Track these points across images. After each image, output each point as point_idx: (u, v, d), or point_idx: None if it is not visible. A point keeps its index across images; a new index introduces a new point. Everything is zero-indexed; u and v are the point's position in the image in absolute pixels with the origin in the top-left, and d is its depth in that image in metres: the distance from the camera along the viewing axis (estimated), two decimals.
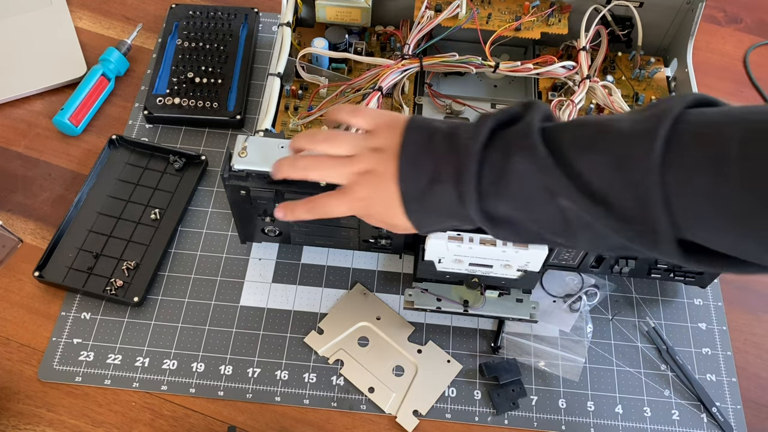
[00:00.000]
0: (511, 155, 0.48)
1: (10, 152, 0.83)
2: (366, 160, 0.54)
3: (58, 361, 0.70)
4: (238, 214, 0.71)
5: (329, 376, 0.70)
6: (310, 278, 0.76)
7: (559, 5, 0.80)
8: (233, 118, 0.84)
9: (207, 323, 0.73)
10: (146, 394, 0.69)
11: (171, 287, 0.75)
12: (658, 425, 0.69)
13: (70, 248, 0.75)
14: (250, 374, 0.70)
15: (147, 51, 0.92)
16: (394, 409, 0.69)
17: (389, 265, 0.77)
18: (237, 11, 0.93)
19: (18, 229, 0.78)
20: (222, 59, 0.89)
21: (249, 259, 0.77)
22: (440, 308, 0.70)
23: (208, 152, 0.84)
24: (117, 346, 0.71)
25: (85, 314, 0.72)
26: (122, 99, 0.88)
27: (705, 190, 0.41)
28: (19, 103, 0.87)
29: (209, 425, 0.68)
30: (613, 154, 0.45)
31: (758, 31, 1.03)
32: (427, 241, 0.63)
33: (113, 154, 0.82)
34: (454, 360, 0.72)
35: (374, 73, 0.74)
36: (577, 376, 0.71)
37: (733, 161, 0.40)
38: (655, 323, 0.75)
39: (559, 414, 0.70)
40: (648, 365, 0.73)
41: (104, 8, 0.97)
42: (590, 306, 0.75)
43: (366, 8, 0.79)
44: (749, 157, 0.40)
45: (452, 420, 0.69)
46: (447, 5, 0.78)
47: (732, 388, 0.72)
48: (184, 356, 0.71)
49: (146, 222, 0.77)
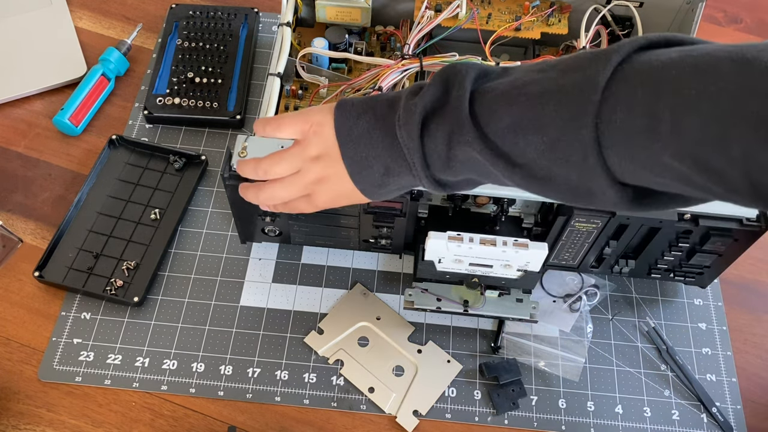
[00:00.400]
0: (451, 146, 0.48)
1: (10, 152, 0.83)
2: (312, 171, 0.56)
3: (58, 361, 0.70)
4: (238, 214, 0.71)
5: (329, 376, 0.70)
6: (310, 278, 0.76)
7: (559, 5, 0.80)
8: (233, 118, 0.84)
9: (207, 323, 0.73)
10: (146, 394, 0.69)
11: (171, 287, 0.75)
12: (658, 425, 0.69)
13: (70, 248, 0.75)
14: (250, 374, 0.70)
15: (147, 51, 0.92)
16: (394, 409, 0.69)
17: (389, 265, 0.77)
18: (237, 11, 0.93)
19: (18, 229, 0.78)
20: (222, 59, 0.89)
21: (249, 259, 0.77)
22: (440, 308, 0.70)
23: (208, 152, 0.84)
24: (117, 346, 0.71)
25: (85, 314, 0.72)
26: (122, 99, 0.88)
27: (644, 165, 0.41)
28: (19, 103, 0.87)
29: (209, 425, 0.68)
30: (549, 140, 0.44)
31: (758, 31, 1.03)
32: (427, 241, 0.63)
33: (113, 154, 0.82)
34: (454, 360, 0.72)
35: (374, 73, 0.74)
36: (577, 376, 0.71)
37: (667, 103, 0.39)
38: (655, 323, 0.75)
39: (559, 414, 0.70)
40: (648, 365, 0.73)
41: (104, 8, 0.97)
42: (590, 306, 0.75)
43: (366, 8, 0.79)
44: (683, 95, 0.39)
45: (452, 420, 0.69)
46: (447, 5, 0.78)
47: (732, 388, 0.72)
48: (184, 356, 0.71)
49: (146, 222, 0.77)
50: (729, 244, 0.66)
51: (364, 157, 0.53)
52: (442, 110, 0.49)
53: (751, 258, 0.78)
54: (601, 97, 0.41)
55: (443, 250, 0.64)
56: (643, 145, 0.40)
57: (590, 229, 0.66)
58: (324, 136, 0.54)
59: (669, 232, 0.66)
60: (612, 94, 0.41)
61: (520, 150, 0.46)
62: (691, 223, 0.64)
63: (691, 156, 0.39)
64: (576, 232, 0.66)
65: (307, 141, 0.55)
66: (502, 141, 0.46)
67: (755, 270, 0.80)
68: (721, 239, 0.65)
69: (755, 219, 0.64)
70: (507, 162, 0.47)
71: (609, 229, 0.65)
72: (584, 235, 0.67)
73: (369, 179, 0.54)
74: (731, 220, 0.64)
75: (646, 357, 0.73)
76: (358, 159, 0.53)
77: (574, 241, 0.68)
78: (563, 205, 0.65)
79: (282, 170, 0.57)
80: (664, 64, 0.40)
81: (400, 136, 0.50)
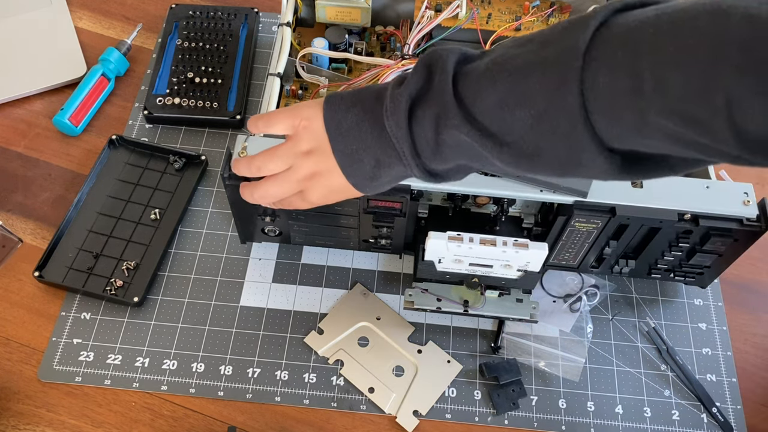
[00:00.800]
0: (438, 130, 0.48)
1: (10, 152, 0.83)
2: (304, 167, 0.56)
3: (58, 361, 0.70)
4: (238, 214, 0.71)
5: (329, 376, 0.70)
6: (310, 278, 0.76)
7: (559, 5, 0.80)
8: (233, 118, 0.84)
9: (207, 323, 0.73)
10: (146, 394, 0.69)
11: (171, 287, 0.75)
12: (658, 425, 0.69)
13: (70, 248, 0.75)
14: (250, 374, 0.70)
15: (147, 51, 0.92)
16: (394, 409, 0.69)
17: (389, 265, 0.77)
18: (237, 11, 0.93)
19: (18, 229, 0.78)
20: (222, 59, 0.89)
21: (249, 259, 0.77)
22: (440, 308, 0.70)
23: (208, 152, 0.84)
24: (117, 346, 0.71)
25: (85, 314, 0.72)
26: (122, 99, 0.88)
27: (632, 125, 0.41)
28: (19, 103, 0.87)
29: (209, 425, 0.68)
30: (536, 113, 0.44)
31: None
32: (427, 242, 0.63)
33: (113, 154, 0.82)
34: (454, 360, 0.72)
35: (374, 73, 0.74)
36: (577, 376, 0.71)
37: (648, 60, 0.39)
38: (655, 323, 0.75)
39: (559, 414, 0.70)
40: (648, 365, 0.73)
41: (104, 8, 0.97)
42: (590, 306, 0.75)
43: (366, 8, 0.79)
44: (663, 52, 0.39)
45: (452, 420, 0.69)
46: (447, 5, 0.78)
47: (732, 388, 0.72)
48: (184, 356, 0.71)
49: (146, 222, 0.77)
50: (729, 244, 0.66)
51: (354, 149, 0.53)
52: (427, 96, 0.49)
53: (751, 258, 0.78)
54: (582, 63, 0.41)
55: (443, 250, 0.64)
56: (628, 105, 0.41)
57: (590, 229, 0.66)
58: (314, 130, 0.54)
59: (669, 232, 0.66)
60: (593, 59, 0.41)
61: (508, 126, 0.46)
62: (691, 223, 0.64)
63: (676, 111, 0.39)
64: (576, 232, 0.66)
65: (298, 136, 0.55)
66: (489, 120, 0.46)
67: (755, 270, 0.80)
68: (721, 239, 0.65)
69: (755, 219, 0.64)
70: (495, 142, 0.46)
71: (609, 229, 0.65)
72: (584, 235, 0.67)
73: (361, 172, 0.54)
74: (731, 220, 0.64)
75: (646, 357, 0.73)
76: (348, 152, 0.53)
77: (574, 241, 0.68)
78: (563, 205, 0.65)
79: (274, 166, 0.57)
80: (641, 23, 0.40)
81: (388, 126, 0.50)
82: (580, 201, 0.63)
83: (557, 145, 0.45)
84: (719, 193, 0.64)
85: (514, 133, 0.46)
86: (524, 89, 0.44)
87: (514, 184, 0.64)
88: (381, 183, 0.55)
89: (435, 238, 0.63)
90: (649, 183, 0.64)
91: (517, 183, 0.64)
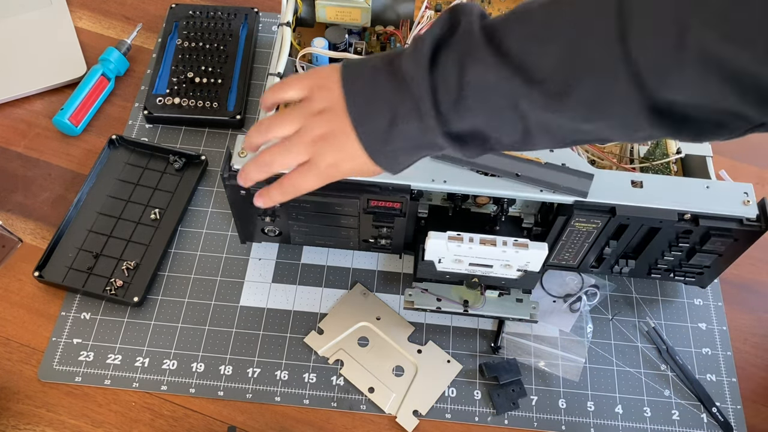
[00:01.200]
0: (463, 69, 0.46)
1: (10, 152, 0.83)
2: (315, 126, 0.53)
3: (57, 361, 0.70)
4: (238, 214, 0.71)
5: (329, 376, 0.70)
6: (310, 278, 0.76)
7: None
8: (233, 118, 0.84)
9: (207, 323, 0.73)
10: (146, 394, 0.69)
11: (171, 287, 0.75)
12: (658, 425, 0.69)
13: (70, 248, 0.75)
14: (250, 374, 0.70)
15: (147, 51, 0.92)
16: (394, 409, 0.69)
17: (389, 265, 0.77)
18: (237, 11, 0.93)
19: (18, 229, 0.78)
20: (222, 59, 0.89)
21: (249, 259, 0.77)
22: (440, 308, 0.70)
23: (208, 152, 0.84)
24: (117, 346, 0.71)
25: (85, 314, 0.72)
26: (122, 99, 0.88)
27: (671, 46, 0.40)
28: (19, 103, 0.87)
29: (209, 425, 0.68)
30: (568, 43, 0.43)
31: None
32: (427, 241, 0.63)
33: (113, 154, 0.82)
34: (454, 360, 0.72)
35: None
36: (577, 376, 0.71)
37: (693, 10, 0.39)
38: (655, 323, 0.75)
39: (559, 414, 0.70)
40: (648, 365, 0.73)
41: (104, 8, 0.97)
42: (590, 306, 0.75)
43: (366, 8, 0.79)
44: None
45: (452, 420, 0.69)
46: (447, 5, 0.78)
47: (732, 388, 0.72)
48: (184, 356, 0.71)
49: (146, 222, 0.77)
50: (729, 244, 0.66)
51: (369, 100, 0.50)
52: (452, 39, 0.47)
53: (751, 258, 0.78)
54: None
55: (443, 250, 0.64)
56: (670, 20, 0.39)
57: (590, 229, 0.66)
58: (330, 89, 0.52)
59: (669, 232, 0.66)
60: None
61: (538, 60, 0.44)
62: (691, 223, 0.64)
63: (718, 19, 0.38)
64: (576, 232, 0.66)
65: (313, 96, 0.53)
66: (519, 52, 0.45)
67: (755, 270, 0.80)
68: (721, 239, 0.65)
69: (755, 219, 0.64)
70: (524, 78, 0.45)
71: (609, 229, 0.66)
72: (584, 235, 0.67)
73: (373, 130, 0.51)
74: (731, 220, 0.64)
75: (646, 357, 0.73)
76: (362, 105, 0.51)
77: (574, 241, 0.68)
78: (563, 205, 0.65)
79: (285, 125, 0.55)
80: None
81: (406, 71, 0.48)
82: (580, 201, 0.63)
83: (588, 80, 0.43)
84: (719, 193, 0.64)
85: (545, 68, 0.44)
86: (557, 20, 0.44)
87: (514, 184, 0.64)
88: (394, 150, 0.51)
89: (435, 238, 0.63)
90: (649, 183, 0.64)
91: (517, 183, 0.64)
